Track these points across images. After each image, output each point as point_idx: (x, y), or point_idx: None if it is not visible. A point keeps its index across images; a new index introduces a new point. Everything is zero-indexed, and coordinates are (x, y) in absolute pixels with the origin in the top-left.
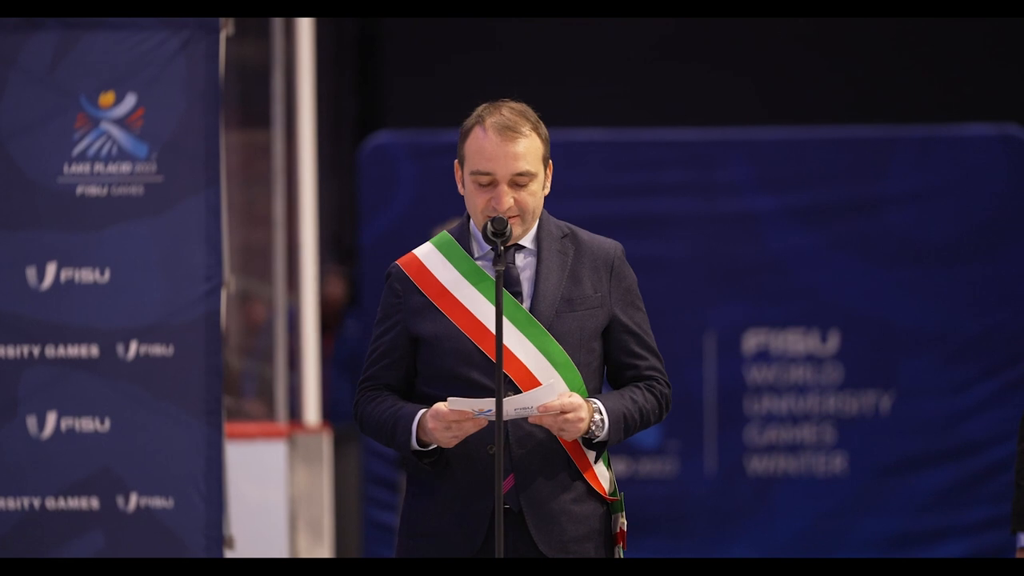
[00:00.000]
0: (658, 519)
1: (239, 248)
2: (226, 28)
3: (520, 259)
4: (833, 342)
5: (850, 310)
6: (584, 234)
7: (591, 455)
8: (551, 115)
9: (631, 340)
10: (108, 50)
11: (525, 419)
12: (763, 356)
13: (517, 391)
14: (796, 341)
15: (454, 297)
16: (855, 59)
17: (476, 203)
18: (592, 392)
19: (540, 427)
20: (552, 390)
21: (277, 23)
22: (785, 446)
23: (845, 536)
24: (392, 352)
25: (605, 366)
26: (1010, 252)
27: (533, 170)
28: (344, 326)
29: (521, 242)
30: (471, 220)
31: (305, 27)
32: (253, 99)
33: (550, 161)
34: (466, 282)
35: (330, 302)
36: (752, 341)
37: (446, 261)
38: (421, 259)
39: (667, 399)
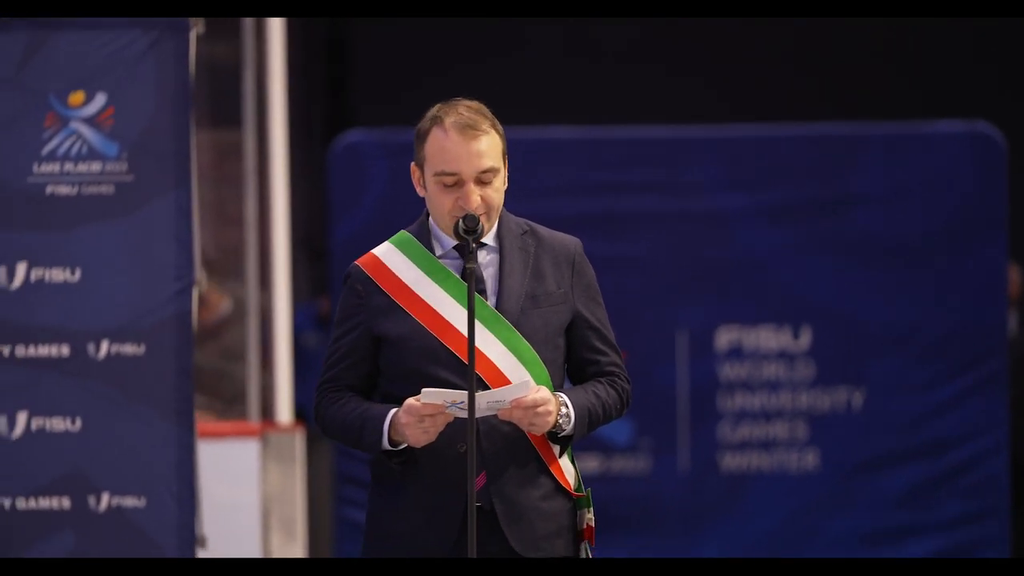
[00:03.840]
0: (631, 516)
1: (210, 248)
2: (196, 27)
3: (482, 256)
4: (805, 338)
5: (821, 307)
6: (543, 230)
7: (556, 449)
8: (520, 114)
9: (593, 336)
10: (77, 49)
11: (492, 414)
12: (735, 353)
13: (486, 388)
14: (768, 338)
15: (418, 296)
16: (823, 57)
17: (442, 204)
18: (557, 388)
19: (506, 422)
20: (525, 387)
21: (247, 23)
22: (758, 443)
23: (818, 533)
24: (354, 353)
25: (567, 362)
26: (980, 249)
27: (496, 166)
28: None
29: (482, 239)
30: (430, 218)
31: (276, 27)
32: (224, 98)
33: (507, 157)
34: (429, 280)
35: None
36: (724, 338)
37: (407, 260)
38: (381, 258)
39: (628, 394)
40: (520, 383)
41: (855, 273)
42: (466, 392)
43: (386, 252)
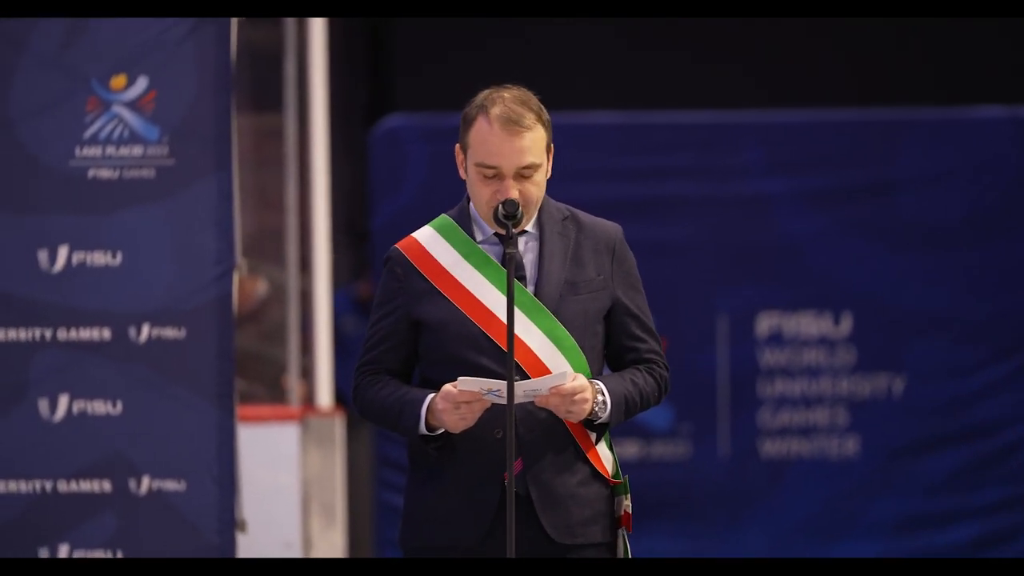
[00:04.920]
0: (671, 502)
1: (251, 232)
2: None
3: (522, 243)
4: (846, 324)
5: (862, 292)
6: (584, 216)
7: (593, 436)
8: (561, 98)
9: (632, 323)
10: (119, 33)
11: (529, 401)
12: (776, 339)
13: (525, 376)
14: (809, 324)
15: (457, 281)
16: (866, 42)
17: (481, 194)
18: (595, 375)
19: (543, 409)
20: (563, 377)
21: None
22: (798, 429)
23: (857, 518)
24: (393, 336)
25: (605, 348)
26: (1020, 234)
27: (538, 161)
28: None
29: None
30: (471, 203)
31: None
32: (265, 83)
33: (552, 145)
34: (469, 266)
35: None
36: (765, 324)
37: (447, 245)
38: (422, 242)
39: (666, 382)
40: (558, 374)
41: (895, 259)
42: (502, 380)
43: (427, 236)
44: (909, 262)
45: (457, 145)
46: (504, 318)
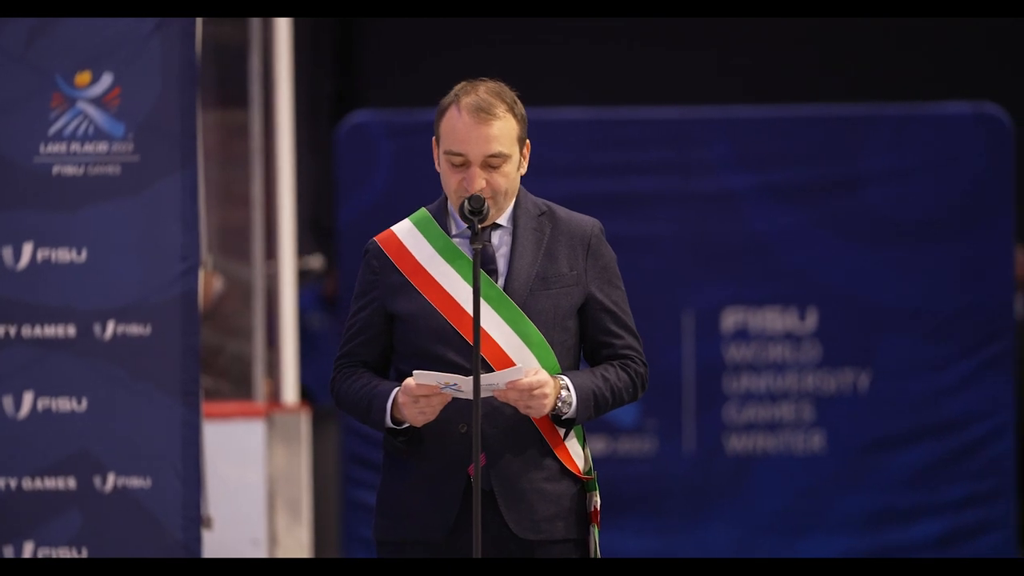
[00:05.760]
0: (637, 498)
1: (216, 228)
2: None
3: (496, 237)
4: (811, 320)
5: (828, 288)
6: (562, 211)
7: (561, 432)
8: (530, 93)
9: (607, 318)
10: (84, 29)
11: (490, 395)
12: (742, 334)
13: (491, 370)
14: (774, 319)
15: (429, 275)
16: (832, 38)
17: (449, 183)
18: (567, 371)
19: (509, 404)
20: (519, 371)
21: None
22: (764, 424)
23: (824, 514)
24: (368, 328)
25: (582, 345)
26: (987, 230)
27: (507, 152)
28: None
29: (498, 220)
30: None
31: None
32: (230, 79)
33: (527, 141)
34: (442, 260)
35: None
36: (730, 319)
37: (423, 238)
38: (399, 236)
39: (643, 378)
40: (514, 368)
41: (862, 254)
42: (458, 374)
43: (404, 230)
44: (875, 257)
45: (433, 138)
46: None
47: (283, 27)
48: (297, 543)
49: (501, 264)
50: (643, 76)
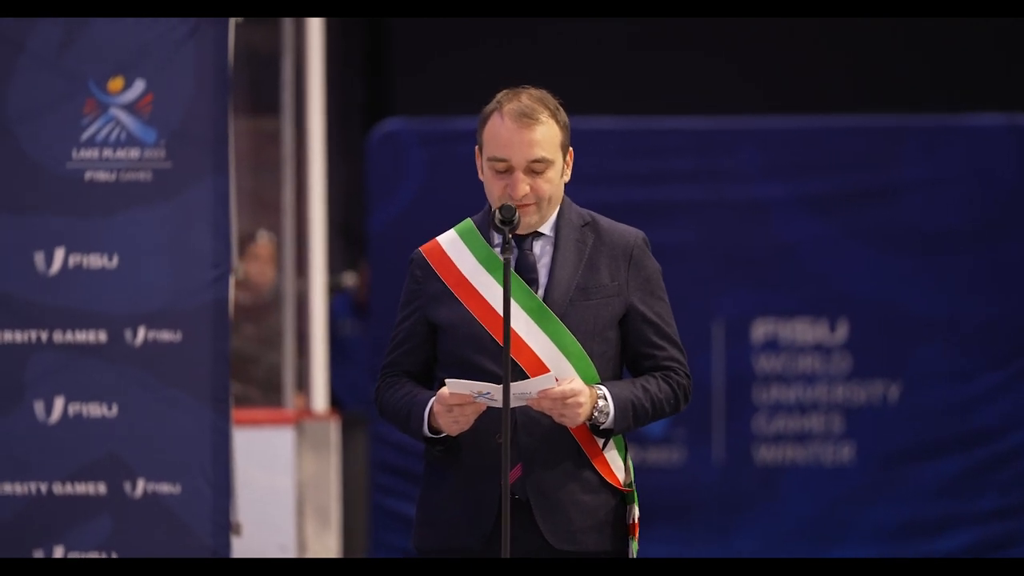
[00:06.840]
0: (665, 508)
1: (247, 235)
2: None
3: (538, 247)
4: (842, 331)
5: (858, 299)
6: (605, 222)
7: (600, 442)
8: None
9: (649, 330)
10: (118, 35)
11: (524, 404)
12: (771, 345)
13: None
14: (804, 330)
15: (471, 284)
16: (865, 48)
17: (493, 189)
18: (607, 381)
19: (547, 414)
20: (550, 379)
21: None
22: (793, 435)
23: (853, 526)
24: (412, 338)
25: (624, 356)
26: (1019, 241)
27: (549, 157)
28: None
29: (540, 229)
30: None
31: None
32: (262, 86)
33: (570, 148)
34: (483, 269)
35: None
36: (760, 330)
37: (465, 248)
38: (443, 246)
39: (685, 390)
40: (545, 376)
41: (894, 264)
42: (491, 383)
43: (447, 239)
44: (906, 268)
45: (476, 147)
46: (512, 322)
47: (315, 33)
48: (325, 549)
49: (542, 274)
50: (673, 85)
